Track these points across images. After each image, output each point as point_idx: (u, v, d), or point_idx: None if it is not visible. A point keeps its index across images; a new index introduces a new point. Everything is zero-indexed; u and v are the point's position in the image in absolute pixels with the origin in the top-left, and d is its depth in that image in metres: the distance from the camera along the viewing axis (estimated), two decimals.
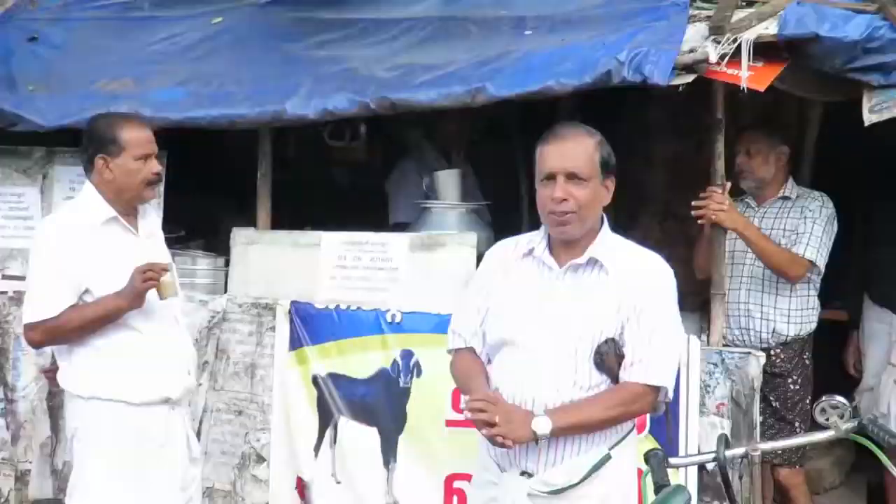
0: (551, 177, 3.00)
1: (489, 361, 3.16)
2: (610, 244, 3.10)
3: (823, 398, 3.06)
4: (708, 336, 4.54)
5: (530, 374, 3.00)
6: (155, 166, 3.82)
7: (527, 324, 3.04)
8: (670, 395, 3.10)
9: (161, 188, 5.10)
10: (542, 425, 2.87)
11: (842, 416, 3.01)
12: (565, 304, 3.03)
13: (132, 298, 3.69)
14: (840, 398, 3.04)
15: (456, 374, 3.24)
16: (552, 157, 3.01)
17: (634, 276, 3.03)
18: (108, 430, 3.70)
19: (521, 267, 3.14)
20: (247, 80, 4.88)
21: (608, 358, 2.97)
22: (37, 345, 3.82)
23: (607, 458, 2.99)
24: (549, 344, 3.00)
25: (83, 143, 3.85)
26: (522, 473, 3.01)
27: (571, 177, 2.98)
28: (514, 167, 5.83)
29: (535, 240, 3.15)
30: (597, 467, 2.98)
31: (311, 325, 4.72)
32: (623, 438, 3.06)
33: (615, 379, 3.00)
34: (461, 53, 4.51)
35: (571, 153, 3.00)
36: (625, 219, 6.06)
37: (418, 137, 6.01)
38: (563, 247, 3.09)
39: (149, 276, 3.68)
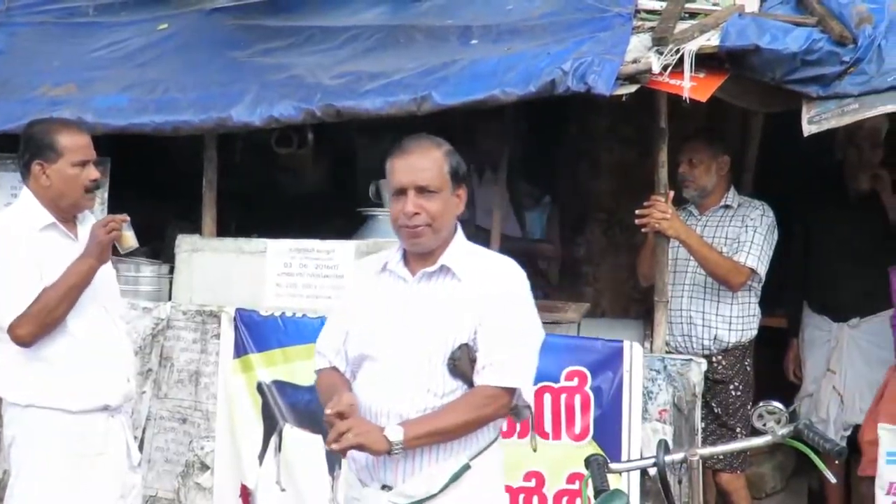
0: (402, 191, 2.97)
1: (355, 378, 3.12)
2: (462, 251, 3.08)
3: (761, 404, 3.12)
4: (651, 343, 4.59)
5: (386, 385, 2.97)
6: (93, 173, 3.78)
7: (382, 336, 3.03)
8: (529, 398, 3.04)
9: (105, 195, 5.07)
10: (395, 433, 2.84)
11: (779, 422, 3.08)
12: (418, 313, 3.01)
13: (98, 253, 3.69)
14: (777, 404, 3.10)
15: (319, 392, 3.20)
16: (401, 172, 2.99)
17: (485, 280, 3.01)
18: (46, 438, 3.66)
19: (378, 282, 3.13)
20: (192, 86, 4.87)
21: (461, 363, 2.94)
22: (28, 340, 3.64)
23: (466, 468, 2.95)
24: (403, 354, 2.98)
25: (20, 148, 3.80)
26: (383, 487, 2.97)
27: (422, 190, 2.95)
28: None
29: (391, 254, 3.14)
30: (455, 477, 2.94)
31: (256, 333, 4.71)
32: (485, 448, 3.02)
33: (471, 384, 2.98)
34: (407, 62, 4.52)
35: (420, 166, 2.97)
36: (570, 227, 6.14)
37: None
38: (417, 258, 3.07)
39: (112, 227, 3.68)
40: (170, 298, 5.07)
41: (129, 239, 3.82)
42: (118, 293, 4.04)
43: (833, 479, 3.10)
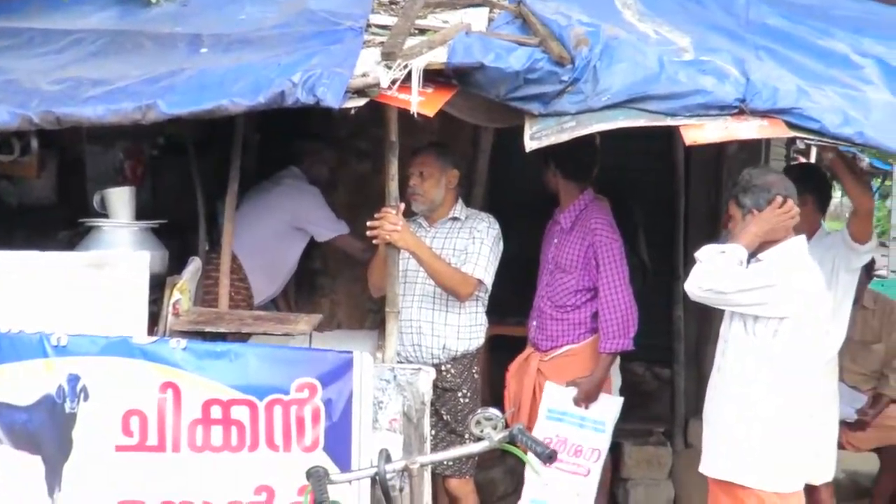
0: None
1: None
2: None
3: (479, 411, 3.23)
4: (383, 353, 4.65)
5: None
6: None
7: None
8: None
9: None
10: None
11: (495, 428, 3.18)
12: None
13: None
14: (494, 410, 3.22)
15: None
16: None
17: None
18: None
19: None
20: None
21: None
22: None
23: None
24: None
25: None
26: None
27: None
28: (192, 185, 5.72)
29: None
30: None
31: None
32: None
33: None
34: (133, 69, 4.37)
35: None
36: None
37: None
38: None
39: None
40: None
41: None
42: None
43: (544, 481, 3.25)
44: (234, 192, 5.24)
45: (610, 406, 5.21)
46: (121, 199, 5.01)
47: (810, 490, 5.05)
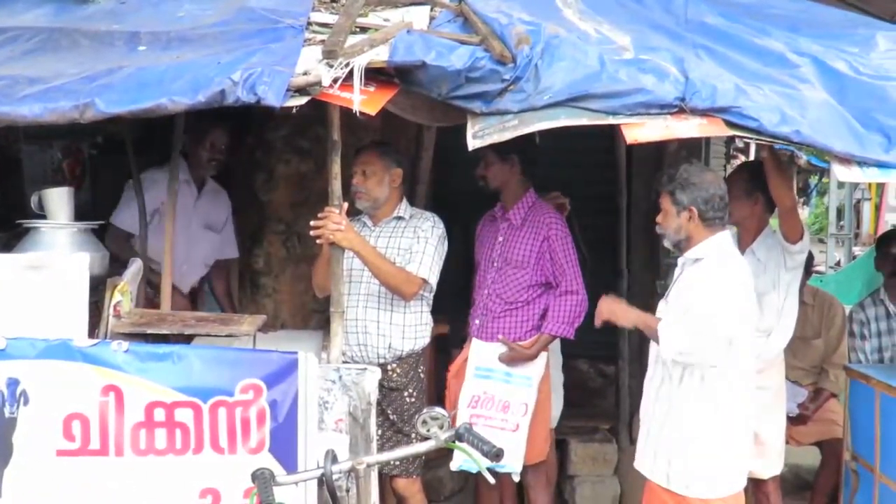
0: None
1: None
2: None
3: (425, 410, 3.22)
4: (329, 353, 4.63)
5: None
6: None
7: None
8: None
9: None
10: None
11: (441, 427, 3.18)
12: None
13: None
14: (440, 409, 3.22)
15: None
16: None
17: None
18: None
19: None
20: None
21: None
22: None
23: None
24: None
25: None
26: None
27: None
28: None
29: None
30: None
31: None
32: None
33: None
34: (70, 67, 4.30)
35: None
36: (249, 237, 6.10)
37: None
38: None
39: None
40: None
41: None
42: None
43: (491, 480, 3.24)
44: (175, 191, 5.18)
45: (535, 360, 5.25)
46: (59, 199, 4.92)
47: (757, 483, 5.12)
